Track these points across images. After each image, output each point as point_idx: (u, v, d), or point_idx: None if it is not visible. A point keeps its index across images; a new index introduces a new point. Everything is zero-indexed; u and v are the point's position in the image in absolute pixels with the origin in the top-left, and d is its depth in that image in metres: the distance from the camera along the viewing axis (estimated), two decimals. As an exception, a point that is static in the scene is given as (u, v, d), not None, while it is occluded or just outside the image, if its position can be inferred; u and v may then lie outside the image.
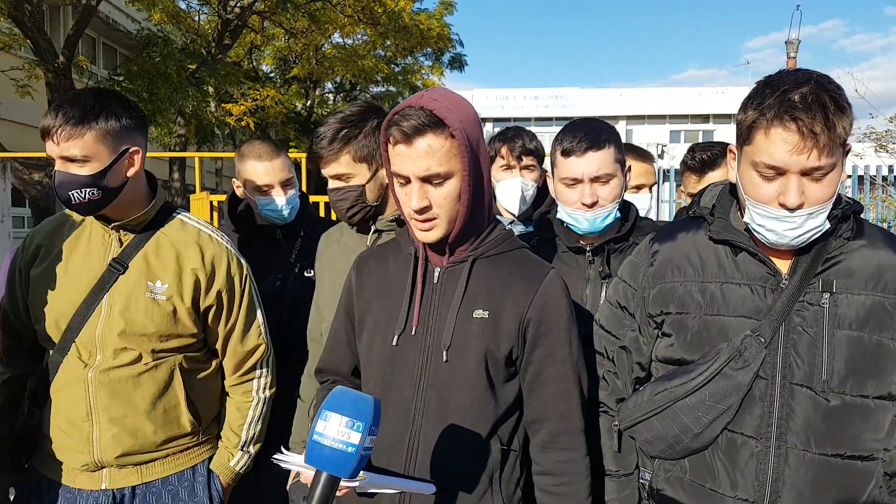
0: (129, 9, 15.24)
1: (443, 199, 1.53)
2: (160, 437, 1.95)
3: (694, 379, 1.54)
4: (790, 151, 1.36)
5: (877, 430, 1.46)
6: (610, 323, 1.79)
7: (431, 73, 23.32)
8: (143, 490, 1.96)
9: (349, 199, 2.02)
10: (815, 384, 1.46)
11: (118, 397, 1.88)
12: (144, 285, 1.90)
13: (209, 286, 1.98)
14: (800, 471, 1.46)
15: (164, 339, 1.92)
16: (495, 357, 1.57)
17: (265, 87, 17.87)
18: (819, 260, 1.51)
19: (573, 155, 1.99)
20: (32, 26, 10.76)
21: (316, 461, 1.24)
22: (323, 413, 1.24)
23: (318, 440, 1.23)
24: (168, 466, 1.99)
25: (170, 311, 1.91)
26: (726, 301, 1.55)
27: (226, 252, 2.04)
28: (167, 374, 1.94)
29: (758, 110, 1.40)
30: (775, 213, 1.43)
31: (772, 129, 1.37)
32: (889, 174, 8.21)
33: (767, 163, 1.39)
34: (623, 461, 1.75)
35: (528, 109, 32.49)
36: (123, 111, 1.84)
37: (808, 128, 1.33)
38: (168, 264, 1.93)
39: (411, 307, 1.62)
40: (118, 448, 1.90)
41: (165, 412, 1.95)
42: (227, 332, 2.05)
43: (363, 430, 1.23)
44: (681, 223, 1.76)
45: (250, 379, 2.12)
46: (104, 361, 1.88)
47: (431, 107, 1.48)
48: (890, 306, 1.46)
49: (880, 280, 1.48)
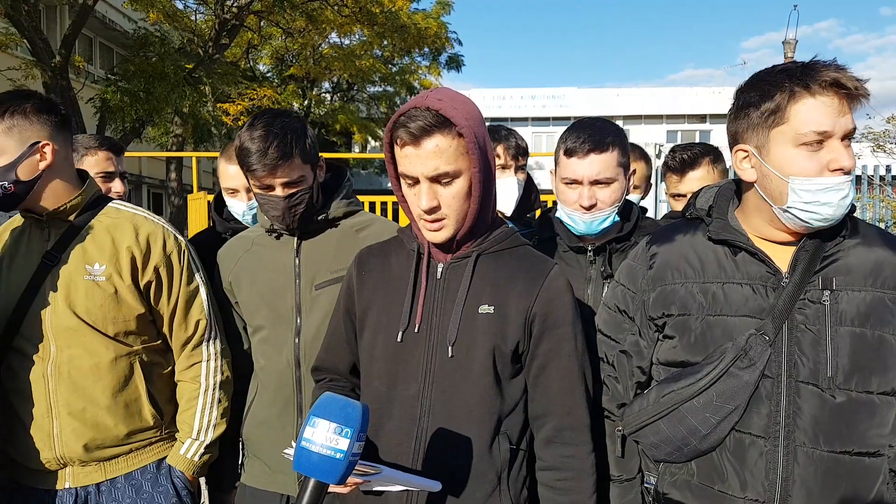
0: (125, 8, 15.20)
1: (452, 199, 1.54)
2: (122, 430, 1.96)
3: (701, 380, 1.53)
4: (837, 114, 1.41)
5: (882, 426, 1.47)
6: (609, 327, 1.79)
7: (429, 74, 23.34)
8: (108, 486, 1.98)
9: (304, 201, 2.01)
10: (820, 381, 1.46)
11: (77, 391, 1.90)
12: (83, 269, 1.93)
13: (146, 262, 2.00)
14: (809, 469, 1.46)
15: (114, 324, 1.94)
16: (503, 352, 1.57)
17: (262, 87, 17.87)
18: (817, 258, 1.51)
19: (575, 156, 1.98)
20: (29, 26, 10.75)
21: (304, 468, 1.24)
22: (311, 419, 1.24)
23: (306, 447, 1.23)
24: (132, 462, 2.01)
25: (111, 292, 1.93)
26: (728, 301, 1.55)
27: (161, 229, 2.05)
28: (127, 366, 1.97)
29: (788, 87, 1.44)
30: (829, 183, 1.43)
31: (817, 96, 1.42)
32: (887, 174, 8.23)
33: (817, 130, 1.42)
34: (626, 466, 1.74)
35: (526, 109, 32.45)
36: (34, 110, 1.90)
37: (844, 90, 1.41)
38: (104, 246, 1.96)
39: (415, 303, 1.62)
40: (79, 442, 1.91)
41: (127, 406, 1.97)
42: (171, 310, 2.06)
43: (351, 436, 1.23)
44: (677, 225, 1.75)
45: (197, 361, 2.10)
46: (59, 353, 1.90)
47: (437, 107, 1.48)
48: (890, 301, 1.48)
49: (879, 276, 1.49)
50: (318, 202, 2.08)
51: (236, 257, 2.16)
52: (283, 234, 2.10)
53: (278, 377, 2.05)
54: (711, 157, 2.68)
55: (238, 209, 2.58)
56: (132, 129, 13.60)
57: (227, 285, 2.15)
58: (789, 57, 16.45)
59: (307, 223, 2.06)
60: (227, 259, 2.19)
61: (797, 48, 16.58)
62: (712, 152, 2.70)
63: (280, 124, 1.95)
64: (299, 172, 1.98)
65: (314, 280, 2.04)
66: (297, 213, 2.00)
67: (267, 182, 1.96)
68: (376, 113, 24.55)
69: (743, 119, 1.52)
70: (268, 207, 2.02)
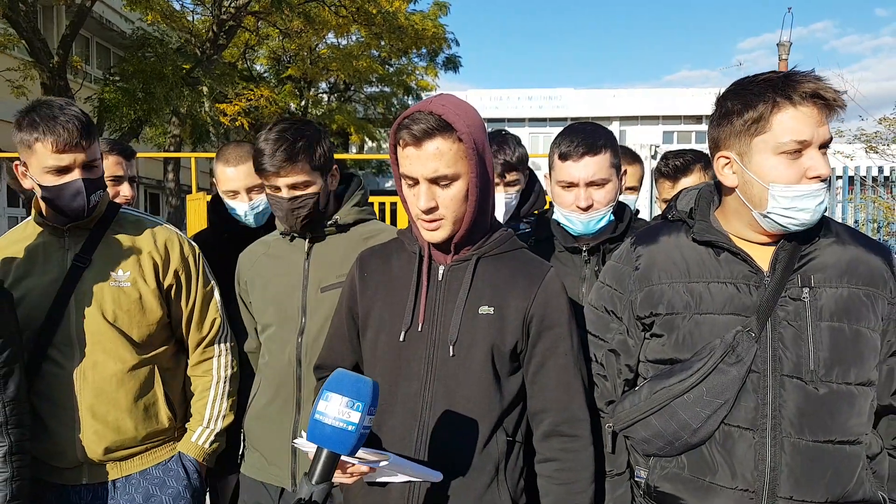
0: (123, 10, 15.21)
1: (449, 200, 1.60)
2: (141, 433, 2.03)
3: (691, 376, 1.60)
4: (816, 124, 1.48)
5: (861, 415, 1.55)
6: (596, 327, 1.84)
7: (426, 75, 23.35)
8: (123, 482, 2.04)
9: (308, 206, 2.08)
10: (803, 374, 1.53)
11: (101, 395, 1.96)
12: (108, 276, 2.00)
13: (166, 266, 2.09)
14: (796, 458, 1.53)
15: (139, 328, 2.01)
16: (501, 351, 1.64)
17: (259, 88, 17.86)
18: (795, 257, 1.59)
19: (570, 159, 2.05)
20: (27, 27, 10.76)
21: (318, 439, 1.30)
22: (324, 394, 1.31)
23: (319, 419, 1.29)
24: (146, 460, 2.08)
25: (136, 297, 2.01)
26: (714, 300, 1.61)
27: (176, 235, 2.16)
28: (147, 371, 2.04)
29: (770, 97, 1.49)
30: (807, 190, 1.50)
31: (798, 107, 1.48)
32: (879, 175, 8.30)
33: (796, 139, 1.48)
34: (616, 461, 1.80)
35: (523, 110, 32.50)
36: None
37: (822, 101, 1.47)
38: (125, 253, 2.04)
39: (417, 303, 1.68)
40: (101, 444, 1.97)
41: (146, 409, 2.04)
42: (189, 309, 2.15)
43: (363, 409, 1.30)
44: (659, 227, 1.81)
45: (210, 357, 2.20)
46: (85, 358, 1.95)
47: (440, 112, 1.54)
48: (864, 297, 1.56)
49: (854, 273, 1.57)
50: (327, 208, 2.15)
51: (254, 260, 2.24)
52: (296, 237, 2.18)
53: (280, 374, 2.12)
54: (703, 164, 2.76)
55: (240, 210, 2.63)
56: (130, 130, 13.62)
57: (244, 285, 2.24)
58: (784, 59, 16.52)
59: (314, 227, 2.13)
60: (246, 261, 2.27)
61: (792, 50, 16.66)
62: (703, 158, 2.77)
63: (294, 131, 2.06)
64: (305, 178, 2.06)
65: (321, 283, 2.11)
66: (299, 216, 2.08)
67: (273, 182, 2.06)
68: (373, 114, 24.55)
69: (725, 126, 1.57)
70: (275, 207, 2.12)
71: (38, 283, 1.97)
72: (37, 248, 2.01)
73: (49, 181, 1.89)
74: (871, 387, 1.57)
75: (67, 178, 1.89)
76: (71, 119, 1.87)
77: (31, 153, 1.88)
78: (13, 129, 1.91)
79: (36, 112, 1.88)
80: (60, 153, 1.87)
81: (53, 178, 1.89)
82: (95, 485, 2.01)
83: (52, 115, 1.86)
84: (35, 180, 1.92)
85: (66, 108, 1.90)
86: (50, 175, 1.89)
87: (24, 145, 1.88)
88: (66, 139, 1.85)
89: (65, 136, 1.85)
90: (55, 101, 1.94)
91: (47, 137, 1.85)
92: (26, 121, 1.87)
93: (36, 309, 1.94)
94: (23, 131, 1.87)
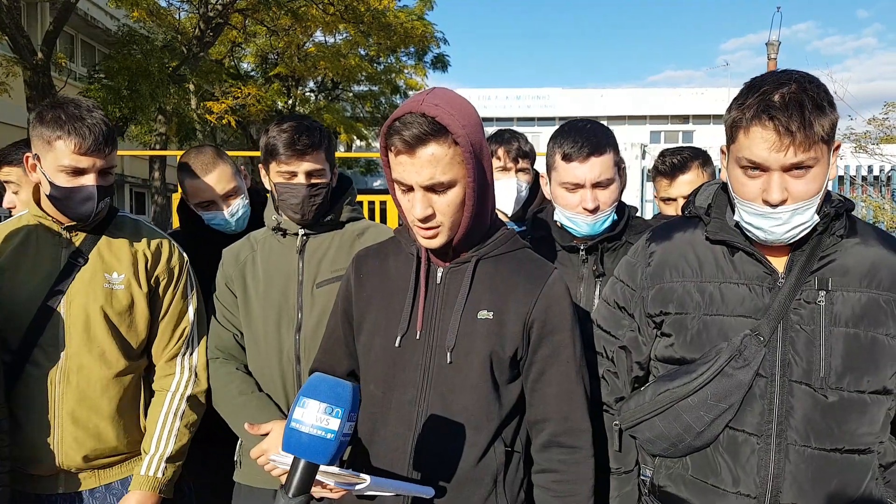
0: (108, 6, 15.06)
1: (446, 207, 1.51)
2: (122, 441, 1.98)
3: (696, 379, 1.55)
4: (769, 149, 1.40)
5: (872, 424, 1.50)
6: (608, 323, 1.80)
7: (414, 73, 23.29)
8: (103, 491, 1.99)
9: (322, 194, 2.09)
10: (813, 381, 1.48)
11: (84, 400, 1.90)
12: (102, 277, 1.95)
13: (152, 269, 2.06)
14: (800, 466, 1.48)
15: (129, 331, 1.97)
16: (500, 358, 1.56)
17: (247, 86, 17.77)
18: (814, 258, 1.53)
19: (575, 160, 1.98)
20: (10, 23, 10.61)
21: (294, 448, 1.21)
22: (300, 400, 1.22)
23: (295, 427, 1.20)
24: (125, 469, 2.02)
25: (129, 301, 1.98)
26: (725, 301, 1.57)
27: (168, 242, 2.13)
28: (131, 379, 1.99)
29: (739, 110, 1.44)
30: (760, 210, 1.46)
31: (752, 128, 1.42)
32: (868, 174, 8.32)
33: (749, 159, 1.43)
34: (623, 459, 1.76)
35: (511, 109, 32.53)
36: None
37: (784, 126, 1.37)
38: (121, 256, 2.00)
39: (414, 308, 1.60)
40: (80, 451, 1.91)
41: (128, 417, 1.99)
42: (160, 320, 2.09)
43: (342, 415, 1.21)
44: (676, 223, 1.76)
45: (170, 373, 2.09)
46: (69, 360, 1.89)
47: (433, 113, 1.42)
48: (884, 303, 1.49)
49: (874, 277, 1.51)
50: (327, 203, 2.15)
51: (241, 257, 2.18)
52: (288, 234, 2.13)
53: (280, 373, 2.06)
54: (700, 161, 2.71)
55: (220, 219, 2.51)
56: (115, 128, 13.47)
57: (227, 282, 2.17)
58: (773, 59, 16.60)
59: (318, 219, 2.12)
60: (230, 258, 2.20)
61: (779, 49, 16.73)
62: (701, 156, 2.73)
63: (309, 121, 2.11)
64: (323, 165, 2.09)
65: (315, 279, 2.08)
66: (314, 204, 2.08)
67: (293, 167, 2.05)
68: (361, 112, 24.49)
69: (727, 120, 1.53)
70: (287, 196, 2.07)
71: (28, 277, 1.91)
72: (29, 241, 1.95)
73: (62, 181, 1.85)
74: (888, 395, 1.50)
75: (81, 181, 1.86)
76: (98, 123, 1.86)
77: (49, 149, 1.84)
78: (34, 121, 1.88)
79: (63, 109, 1.85)
80: (81, 155, 1.84)
81: (67, 178, 1.85)
82: (72, 494, 1.94)
83: (80, 116, 1.84)
84: (47, 177, 1.87)
85: (93, 110, 1.89)
86: (64, 175, 1.85)
87: (42, 140, 1.85)
88: (90, 142, 1.83)
89: (89, 139, 1.83)
90: (83, 101, 1.92)
91: (71, 137, 1.82)
92: (50, 116, 1.84)
93: (24, 304, 1.88)
94: (45, 126, 1.84)
